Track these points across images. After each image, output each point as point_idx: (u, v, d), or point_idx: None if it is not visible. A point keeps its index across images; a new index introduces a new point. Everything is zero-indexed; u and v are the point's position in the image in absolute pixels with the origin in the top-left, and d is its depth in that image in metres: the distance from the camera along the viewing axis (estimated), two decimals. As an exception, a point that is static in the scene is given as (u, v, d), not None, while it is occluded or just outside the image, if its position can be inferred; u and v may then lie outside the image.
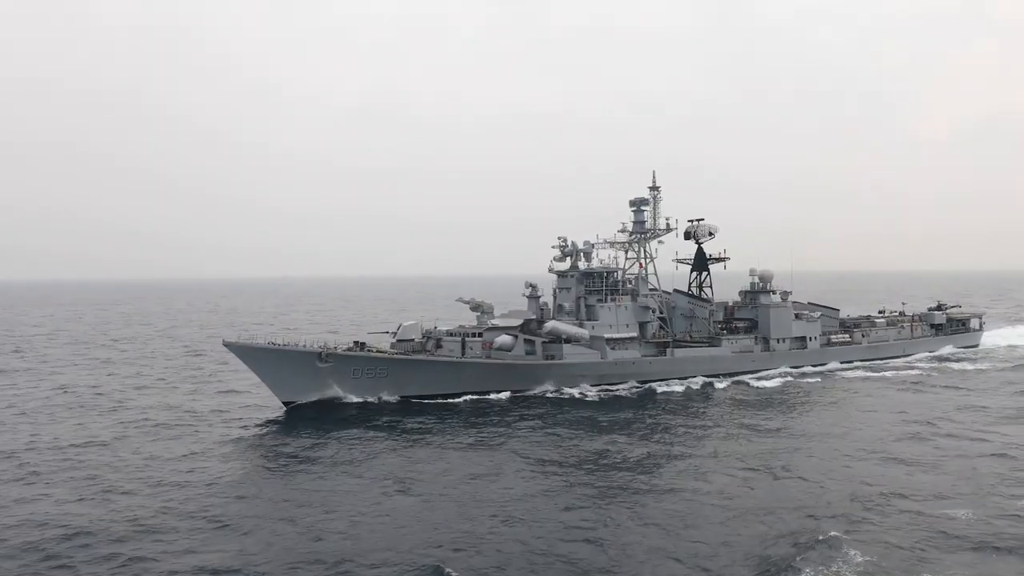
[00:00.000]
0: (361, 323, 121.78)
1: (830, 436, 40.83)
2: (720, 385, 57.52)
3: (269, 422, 45.41)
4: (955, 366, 68.15)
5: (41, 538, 25.68)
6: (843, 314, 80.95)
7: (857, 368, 66.33)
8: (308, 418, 46.16)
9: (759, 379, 60.16)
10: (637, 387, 56.60)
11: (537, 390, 53.49)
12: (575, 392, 53.65)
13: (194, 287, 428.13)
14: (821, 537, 25.13)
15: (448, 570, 22.64)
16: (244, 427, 43.96)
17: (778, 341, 66.30)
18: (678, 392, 55.57)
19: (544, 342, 55.38)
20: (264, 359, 49.71)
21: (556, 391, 53.59)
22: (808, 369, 65.42)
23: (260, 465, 35.69)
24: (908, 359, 72.08)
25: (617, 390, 55.15)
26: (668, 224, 64.82)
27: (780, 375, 62.36)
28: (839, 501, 29.27)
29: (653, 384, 57.51)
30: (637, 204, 64.18)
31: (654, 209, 64.69)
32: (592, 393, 53.81)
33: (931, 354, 75.23)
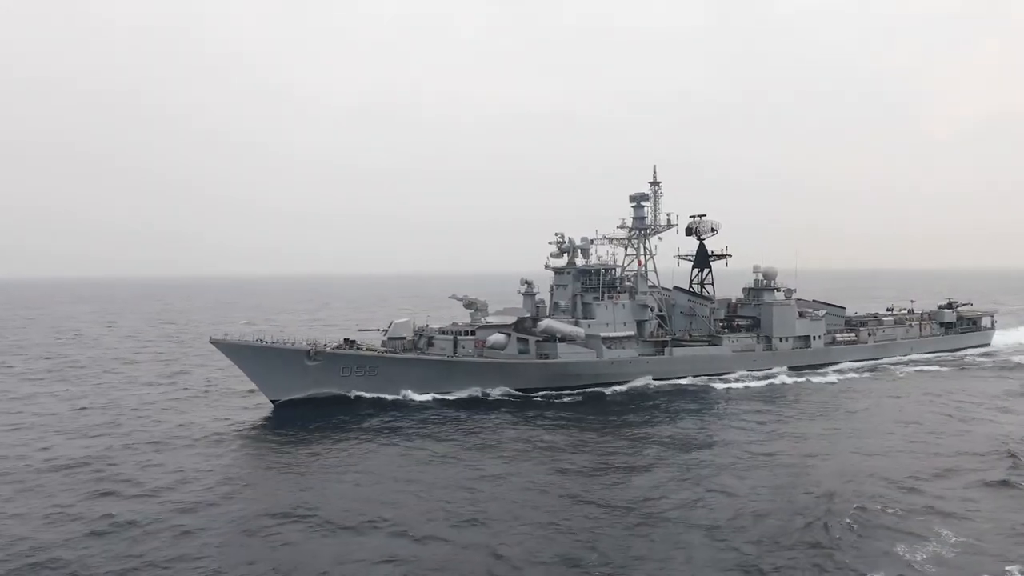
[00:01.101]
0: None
1: (894, 422, 43.30)
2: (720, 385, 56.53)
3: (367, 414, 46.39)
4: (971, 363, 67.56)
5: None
6: (850, 312, 79.32)
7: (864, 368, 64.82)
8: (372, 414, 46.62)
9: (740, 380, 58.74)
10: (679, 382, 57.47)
11: (533, 390, 52.56)
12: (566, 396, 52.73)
13: (199, 284, 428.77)
14: (911, 516, 26.58)
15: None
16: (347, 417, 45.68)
17: (780, 340, 64.82)
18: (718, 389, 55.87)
19: (538, 341, 54.32)
20: (252, 357, 49.10)
21: (553, 391, 52.71)
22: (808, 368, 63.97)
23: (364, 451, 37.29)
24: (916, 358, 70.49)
25: (610, 389, 54.08)
26: (669, 220, 63.43)
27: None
28: (918, 482, 30.83)
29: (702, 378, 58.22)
30: (637, 200, 62.75)
31: (655, 205, 63.27)
32: (653, 385, 55.76)
33: (940, 354, 73.45)
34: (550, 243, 60.38)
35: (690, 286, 67.30)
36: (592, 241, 61.48)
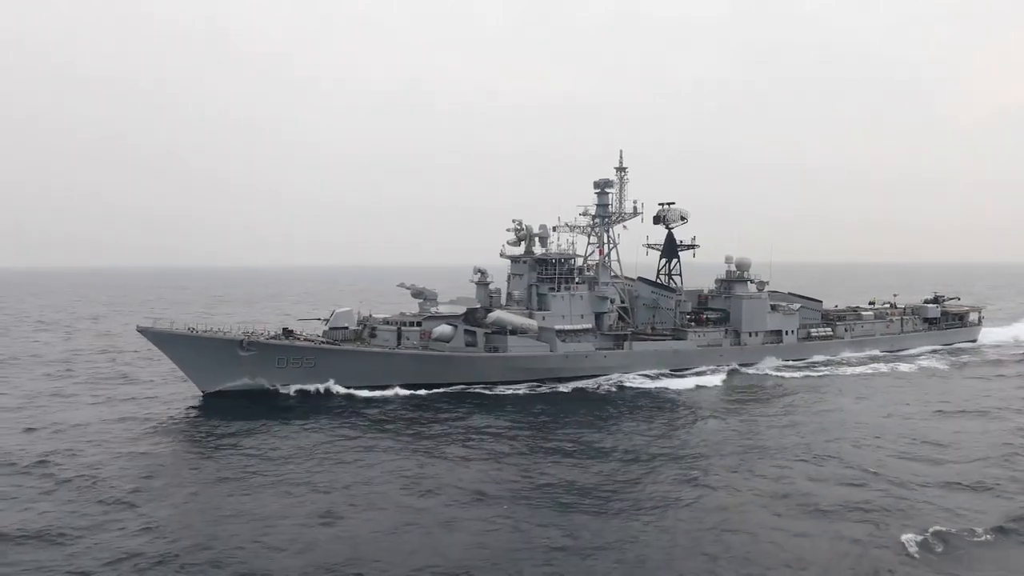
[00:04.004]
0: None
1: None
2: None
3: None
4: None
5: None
6: (832, 305, 76.64)
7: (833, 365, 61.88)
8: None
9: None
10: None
11: (478, 384, 50.24)
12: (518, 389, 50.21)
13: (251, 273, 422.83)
14: None
15: None
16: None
17: (750, 335, 62.16)
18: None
19: (487, 333, 51.89)
20: (182, 346, 46.95)
21: (497, 385, 50.28)
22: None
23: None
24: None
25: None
26: (635, 207, 60.67)
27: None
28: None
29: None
30: (601, 186, 59.88)
31: (620, 191, 60.45)
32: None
33: (920, 351, 70.48)
34: (507, 230, 57.78)
35: (657, 277, 64.56)
36: (555, 229, 58.87)
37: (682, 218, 64.41)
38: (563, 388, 50.88)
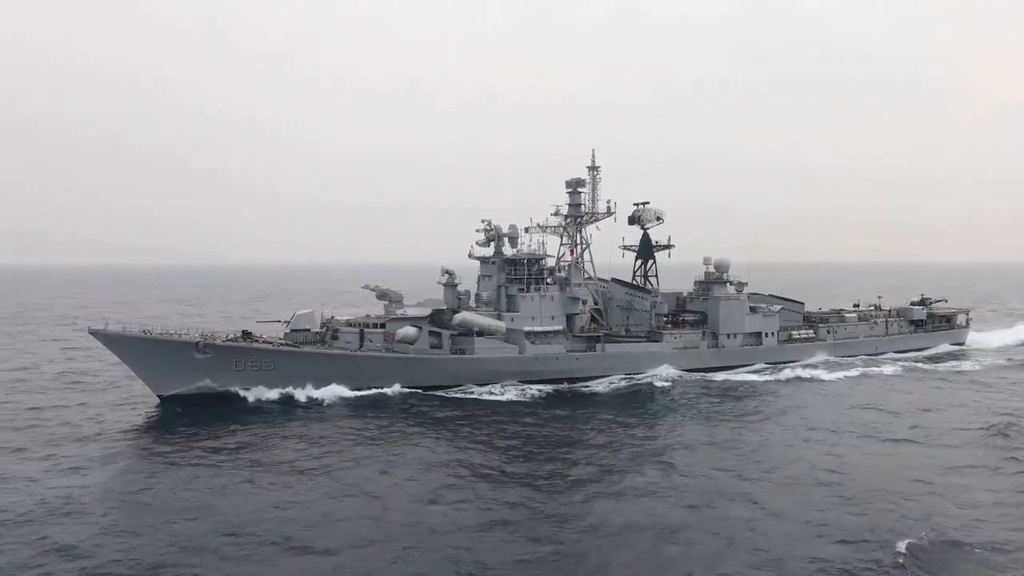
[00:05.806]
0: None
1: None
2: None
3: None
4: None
5: None
6: (816, 308, 75.24)
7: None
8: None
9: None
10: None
11: (448, 387, 48.99)
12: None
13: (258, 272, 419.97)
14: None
15: None
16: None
17: (728, 337, 60.79)
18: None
19: (453, 335, 50.68)
20: (135, 349, 45.73)
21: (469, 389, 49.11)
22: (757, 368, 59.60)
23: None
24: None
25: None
26: (609, 207, 59.50)
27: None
28: None
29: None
30: (573, 185, 58.77)
31: (592, 191, 59.30)
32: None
33: (905, 354, 69.03)
34: (477, 230, 56.61)
35: (633, 278, 63.31)
36: (527, 229, 57.77)
37: (657, 218, 63.21)
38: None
